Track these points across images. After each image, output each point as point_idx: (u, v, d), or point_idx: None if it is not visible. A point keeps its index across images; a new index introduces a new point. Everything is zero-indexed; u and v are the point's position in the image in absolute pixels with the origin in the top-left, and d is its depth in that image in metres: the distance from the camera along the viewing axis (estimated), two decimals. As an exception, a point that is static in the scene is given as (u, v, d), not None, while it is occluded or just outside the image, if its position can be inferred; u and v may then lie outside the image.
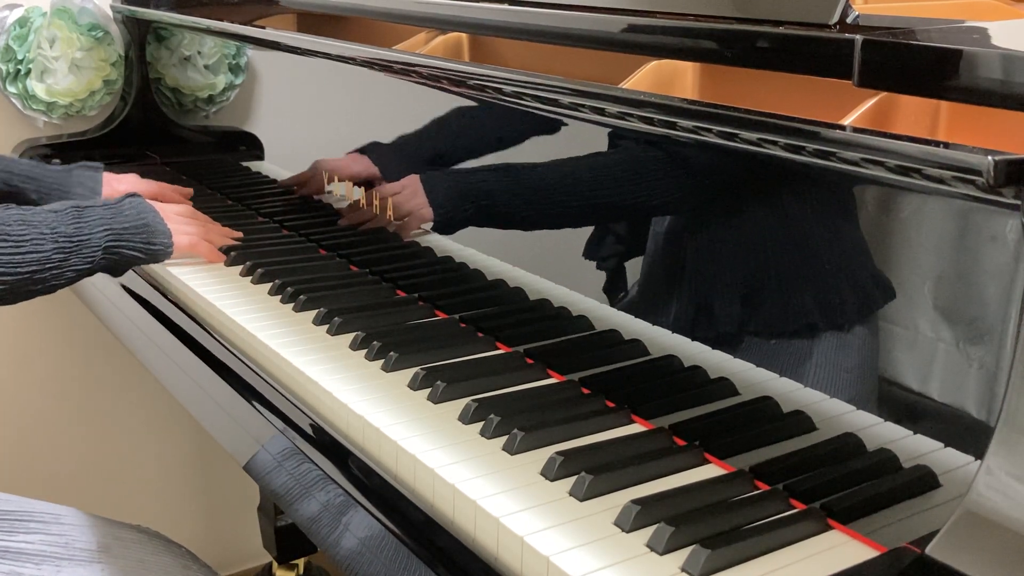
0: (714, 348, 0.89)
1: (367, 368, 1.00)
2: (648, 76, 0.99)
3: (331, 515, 0.88)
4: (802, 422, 0.82)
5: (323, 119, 1.42)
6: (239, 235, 1.37)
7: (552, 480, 0.79)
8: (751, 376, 0.86)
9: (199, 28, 1.65)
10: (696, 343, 0.90)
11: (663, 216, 0.94)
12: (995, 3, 0.98)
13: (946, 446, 0.73)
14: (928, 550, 0.64)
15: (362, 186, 1.31)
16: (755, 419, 0.84)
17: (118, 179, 1.43)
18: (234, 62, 1.66)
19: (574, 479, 0.78)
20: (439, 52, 1.30)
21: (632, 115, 0.89)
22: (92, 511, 1.20)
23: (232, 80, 1.67)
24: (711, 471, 0.80)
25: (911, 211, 0.73)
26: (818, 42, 0.76)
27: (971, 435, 0.70)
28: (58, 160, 1.80)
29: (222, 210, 1.53)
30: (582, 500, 0.76)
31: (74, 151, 1.83)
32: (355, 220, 1.32)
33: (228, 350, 1.12)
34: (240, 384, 1.06)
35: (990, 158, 0.63)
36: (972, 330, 0.70)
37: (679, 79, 1.01)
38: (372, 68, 1.24)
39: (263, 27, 1.54)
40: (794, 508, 0.75)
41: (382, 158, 1.28)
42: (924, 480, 0.74)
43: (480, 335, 1.06)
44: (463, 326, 1.08)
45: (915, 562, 0.65)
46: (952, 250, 0.71)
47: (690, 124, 0.84)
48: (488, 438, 0.86)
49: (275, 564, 1.83)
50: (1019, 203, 0.64)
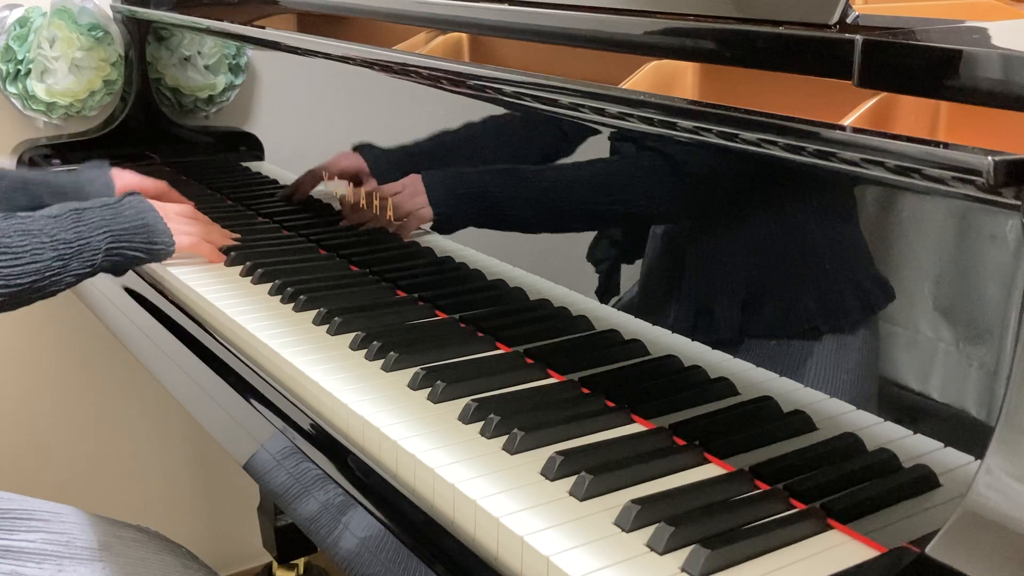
0: (714, 348, 0.89)
1: (367, 368, 1.00)
2: (648, 76, 0.99)
3: (331, 514, 0.88)
4: (802, 422, 0.82)
5: (323, 119, 1.42)
6: (237, 236, 1.37)
7: (552, 480, 0.79)
8: (751, 376, 0.86)
9: (199, 28, 1.65)
10: (696, 343, 0.90)
11: (663, 218, 0.94)
12: (995, 3, 0.98)
13: (946, 446, 0.73)
14: (928, 550, 0.64)
15: (355, 184, 1.32)
16: (755, 419, 0.84)
17: (119, 174, 1.43)
18: (234, 62, 1.66)
19: (574, 479, 0.78)
20: (439, 52, 1.30)
21: (632, 115, 0.89)
22: (92, 511, 1.20)
23: (232, 80, 1.67)
24: (711, 471, 0.80)
25: (911, 211, 0.73)
26: (818, 42, 0.76)
27: (971, 435, 0.70)
28: (57, 160, 1.80)
29: (222, 210, 1.54)
30: (582, 500, 0.76)
31: (74, 151, 1.83)
32: (355, 220, 1.32)
33: (228, 350, 1.12)
34: (240, 384, 1.06)
35: (990, 158, 0.63)
36: (972, 330, 0.70)
37: (679, 79, 1.01)
38: (372, 68, 1.24)
39: (263, 27, 1.54)
40: (794, 508, 0.75)
41: (382, 157, 1.28)
42: (924, 480, 0.74)
43: (480, 335, 1.06)
44: (463, 326, 1.08)
45: (915, 562, 0.65)
46: (952, 250, 0.71)
47: (690, 124, 0.84)
48: (488, 438, 0.86)
49: (275, 564, 1.83)
50: (1019, 203, 0.64)
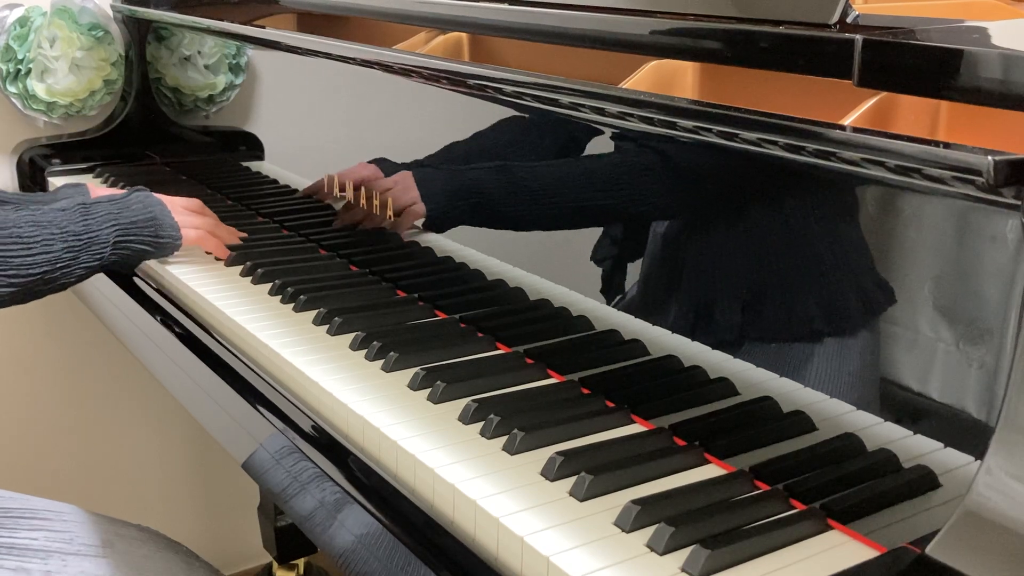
0: (714, 348, 0.89)
1: (367, 368, 1.00)
2: (648, 76, 0.99)
3: (331, 514, 0.88)
4: (802, 422, 0.82)
5: (323, 119, 1.42)
6: (244, 235, 1.37)
7: (552, 480, 0.79)
8: (751, 376, 0.86)
9: (199, 28, 1.65)
10: (696, 343, 0.90)
11: (662, 217, 0.94)
12: (995, 3, 0.98)
13: (946, 446, 0.73)
14: (928, 550, 0.64)
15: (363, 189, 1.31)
16: (755, 419, 0.84)
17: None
18: (234, 62, 1.66)
19: (574, 479, 0.78)
20: (439, 52, 1.30)
21: (632, 115, 0.89)
22: (93, 510, 1.20)
23: (232, 80, 1.67)
24: (711, 471, 0.80)
25: (911, 211, 0.73)
26: (818, 42, 0.76)
27: (971, 435, 0.70)
28: (58, 160, 1.81)
29: (222, 210, 1.53)
30: (582, 500, 0.76)
31: (74, 151, 1.83)
32: (349, 220, 1.32)
33: (228, 350, 1.12)
34: (240, 384, 1.06)
35: (990, 158, 0.63)
36: (972, 330, 0.70)
37: (679, 79, 1.01)
38: (372, 68, 1.24)
39: (263, 27, 1.54)
40: (794, 508, 0.75)
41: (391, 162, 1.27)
42: (924, 480, 0.74)
43: (480, 335, 1.06)
44: (463, 326, 1.08)
45: (915, 562, 0.65)
46: (952, 250, 0.71)
47: (690, 124, 0.84)
48: (488, 438, 0.86)
49: (275, 564, 1.83)
50: (1019, 203, 0.64)
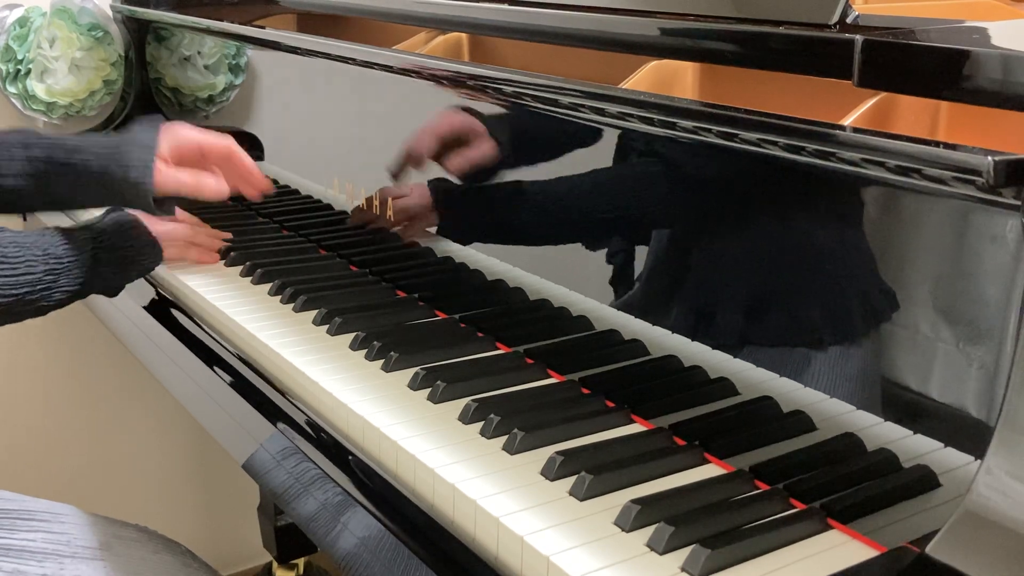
0: (714, 348, 0.89)
1: (367, 368, 1.00)
2: (648, 76, 0.99)
3: (330, 514, 0.88)
4: (802, 422, 0.82)
5: (323, 119, 1.42)
6: (227, 235, 1.36)
7: (552, 480, 0.79)
8: (751, 376, 0.86)
9: (199, 28, 1.65)
10: (696, 343, 0.90)
11: (663, 221, 0.94)
12: (995, 3, 0.98)
13: (946, 446, 0.73)
14: (928, 550, 0.65)
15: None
16: (755, 419, 0.84)
17: (180, 124, 1.27)
18: (234, 62, 1.66)
19: (574, 479, 0.78)
20: (439, 52, 1.30)
21: (632, 115, 0.89)
22: (92, 510, 1.20)
23: (232, 80, 1.67)
24: (711, 471, 0.80)
25: (911, 211, 0.73)
26: (818, 42, 0.76)
27: (971, 435, 0.70)
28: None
29: (222, 210, 1.53)
30: (582, 500, 0.76)
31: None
32: (360, 220, 1.30)
33: (228, 350, 1.12)
34: (240, 384, 1.06)
35: (990, 158, 0.63)
36: (972, 330, 0.70)
37: (679, 79, 1.01)
38: (372, 68, 1.24)
39: (263, 27, 1.54)
40: (794, 508, 0.75)
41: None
42: (924, 480, 0.74)
43: (480, 335, 1.06)
44: (463, 326, 1.08)
45: (915, 562, 0.65)
46: (952, 250, 0.71)
47: (690, 124, 0.84)
48: (488, 438, 0.86)
49: (275, 564, 1.83)
50: (1019, 203, 0.64)
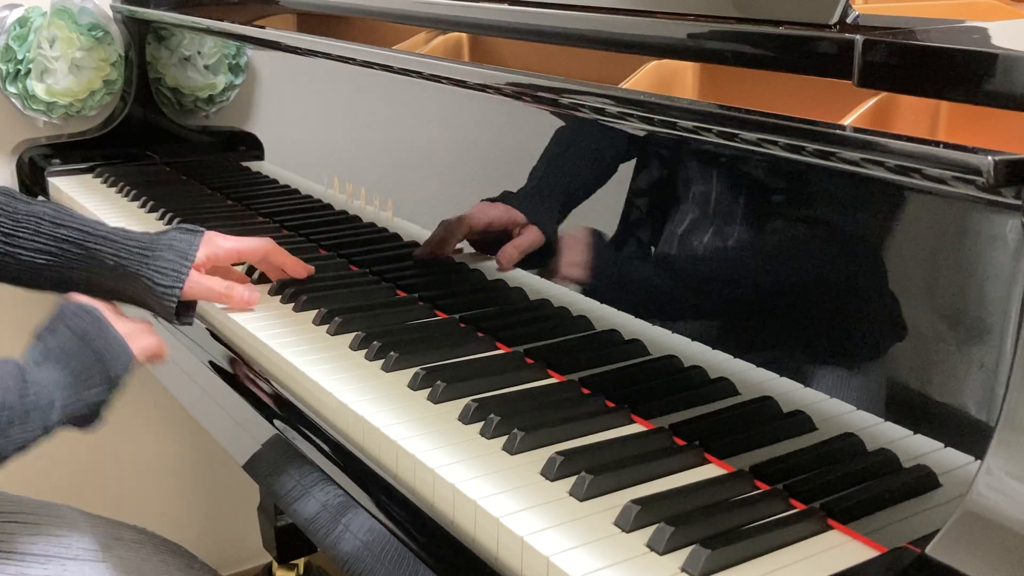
0: (714, 348, 0.89)
1: (367, 368, 1.00)
2: (648, 76, 0.99)
3: (331, 515, 0.88)
4: (802, 422, 0.82)
5: (323, 119, 1.42)
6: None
7: (552, 480, 0.79)
8: (751, 376, 0.86)
9: (199, 28, 1.65)
10: (696, 343, 0.90)
11: (666, 221, 0.94)
12: (995, 3, 0.98)
13: (946, 446, 0.73)
14: (928, 550, 0.64)
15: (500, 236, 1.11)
16: (755, 419, 0.84)
17: (221, 236, 1.17)
18: (234, 62, 1.66)
19: (574, 479, 0.78)
20: (439, 52, 1.30)
21: (632, 115, 0.89)
22: (92, 510, 1.20)
23: (232, 80, 1.67)
24: (711, 471, 0.80)
25: (911, 211, 0.73)
26: (818, 42, 0.76)
27: (971, 435, 0.70)
28: (57, 160, 1.80)
29: (222, 210, 1.54)
30: (582, 500, 0.76)
31: (74, 151, 1.83)
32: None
33: (228, 350, 1.12)
34: (239, 384, 1.06)
35: (990, 158, 0.63)
36: (972, 330, 0.70)
37: (679, 79, 1.01)
38: (372, 68, 1.24)
39: (263, 27, 1.54)
40: (794, 508, 0.75)
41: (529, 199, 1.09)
42: (924, 480, 0.74)
43: (480, 335, 1.05)
44: (463, 326, 1.08)
45: (915, 562, 0.65)
46: (952, 250, 0.71)
47: (690, 124, 0.84)
48: (488, 438, 0.86)
49: (275, 564, 1.83)
50: (1019, 203, 0.64)
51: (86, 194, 1.66)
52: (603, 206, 0.98)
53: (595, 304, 1.00)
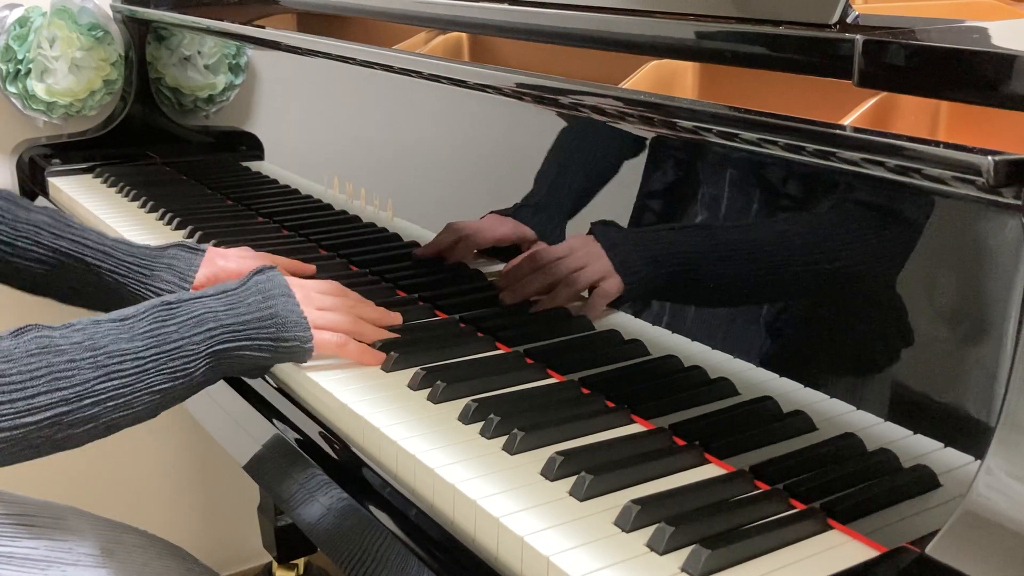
0: (714, 348, 0.89)
1: (367, 368, 0.99)
2: (648, 76, 0.99)
3: (331, 515, 0.88)
4: (802, 422, 0.82)
5: (323, 119, 1.42)
6: (397, 320, 1.07)
7: (552, 480, 0.79)
8: (751, 376, 0.86)
9: (199, 28, 1.65)
10: (696, 343, 0.90)
11: (666, 221, 0.94)
12: (995, 3, 0.98)
13: (946, 446, 0.73)
14: (928, 550, 0.64)
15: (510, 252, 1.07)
16: (755, 419, 0.84)
17: (223, 255, 1.16)
18: (234, 62, 1.66)
19: (574, 479, 0.78)
20: (439, 52, 1.30)
21: (632, 115, 0.89)
22: (92, 511, 1.20)
23: (232, 80, 1.67)
24: (711, 471, 0.80)
25: (911, 211, 0.73)
26: (818, 42, 0.76)
27: (971, 435, 0.70)
28: (58, 160, 1.81)
29: (222, 210, 1.54)
30: (582, 500, 0.76)
31: (74, 151, 1.83)
32: (518, 295, 1.06)
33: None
34: (239, 385, 1.06)
35: (990, 158, 0.63)
36: (972, 330, 0.70)
37: (679, 79, 1.01)
38: (372, 68, 1.24)
39: (263, 27, 1.54)
40: (794, 508, 0.75)
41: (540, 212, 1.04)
42: (924, 480, 0.74)
43: (480, 335, 1.05)
44: (463, 326, 1.08)
45: (915, 562, 0.65)
46: (952, 250, 0.71)
47: (690, 124, 0.84)
48: (488, 438, 0.86)
49: (275, 564, 1.83)
50: (1019, 203, 0.64)
51: (86, 194, 1.66)
52: (603, 206, 0.98)
53: (595, 304, 1.00)
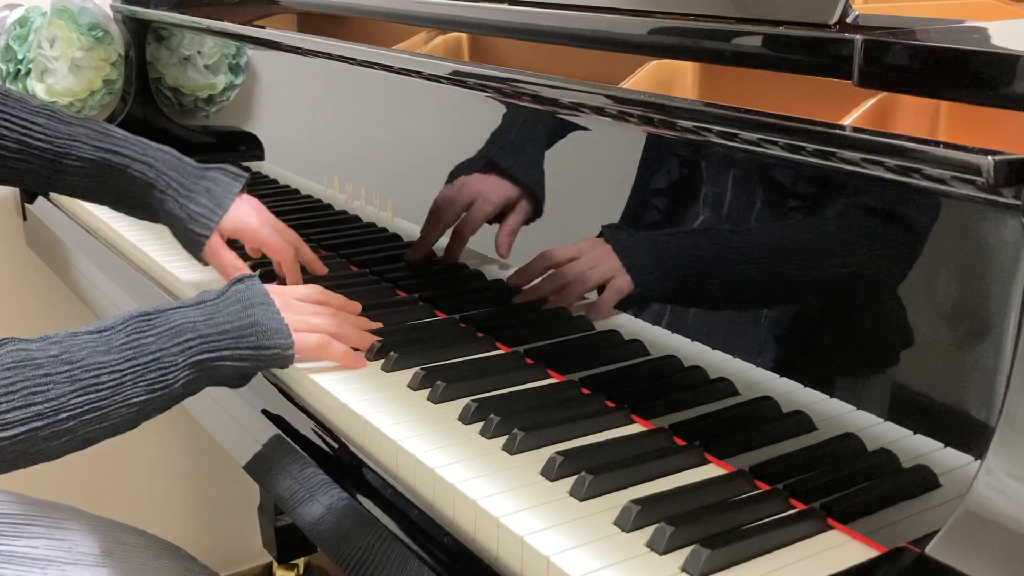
0: (714, 348, 0.89)
1: (367, 368, 1.00)
2: (648, 76, 0.99)
3: (331, 516, 0.88)
4: (802, 422, 0.82)
5: (323, 119, 1.42)
6: (378, 325, 1.06)
7: (552, 480, 0.79)
8: (751, 376, 0.86)
9: (199, 28, 1.65)
10: (696, 343, 0.90)
11: (666, 221, 0.94)
12: (995, 3, 0.98)
13: (946, 446, 0.73)
14: (928, 550, 0.65)
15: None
16: (755, 419, 0.84)
17: (255, 207, 1.17)
18: (234, 62, 1.66)
19: (574, 479, 0.78)
20: (439, 52, 1.30)
21: (632, 115, 0.89)
22: (92, 511, 1.20)
23: (232, 80, 1.67)
24: (711, 471, 0.80)
25: (911, 211, 0.73)
26: (818, 42, 0.76)
27: (971, 435, 0.70)
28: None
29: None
30: (582, 500, 0.76)
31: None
32: (529, 297, 1.05)
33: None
34: (240, 384, 1.06)
35: (990, 158, 0.63)
36: (972, 330, 0.70)
37: (679, 79, 1.01)
38: (372, 68, 1.24)
39: (263, 27, 1.54)
40: (794, 508, 0.75)
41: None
42: (924, 480, 0.74)
43: (480, 335, 1.05)
44: (463, 326, 1.08)
45: (915, 562, 0.65)
46: (952, 250, 0.71)
47: (690, 124, 0.84)
48: (488, 438, 0.86)
49: (275, 564, 1.83)
50: (1019, 203, 0.64)
51: (86, 194, 1.66)
52: (602, 206, 0.98)
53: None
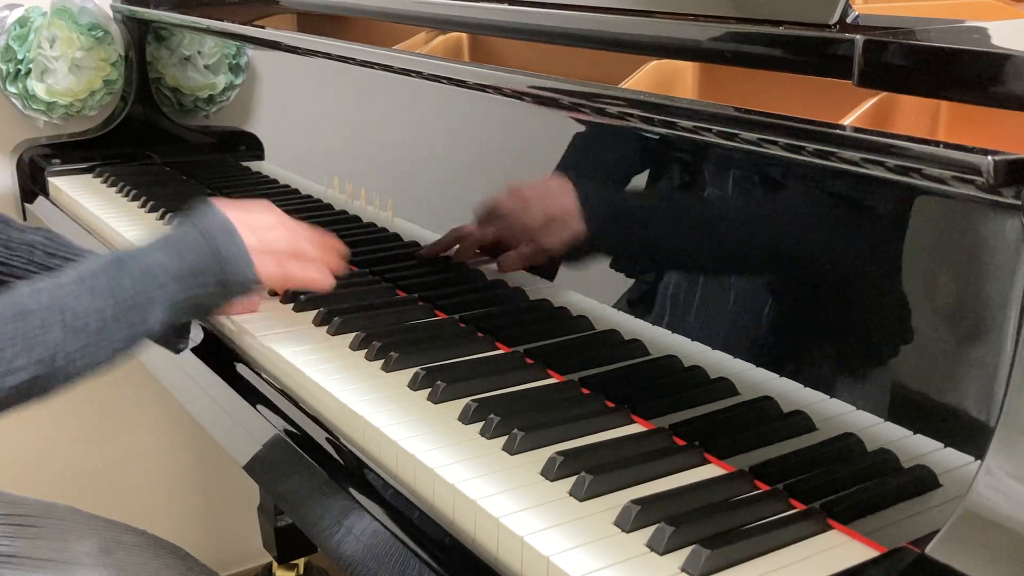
0: (714, 348, 0.89)
1: (367, 368, 1.00)
2: (648, 76, 0.99)
3: (332, 516, 0.88)
4: (802, 422, 0.82)
5: (323, 119, 1.42)
6: (345, 250, 1.08)
7: (552, 480, 0.79)
8: (751, 376, 0.86)
9: (199, 28, 1.65)
10: (696, 343, 0.90)
11: (665, 222, 0.94)
12: (995, 3, 0.98)
13: (946, 446, 0.73)
14: (928, 550, 0.64)
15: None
16: (755, 419, 0.84)
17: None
18: (234, 62, 1.66)
19: (574, 479, 0.78)
20: (439, 52, 1.30)
21: (632, 115, 0.89)
22: (92, 511, 1.20)
23: (232, 80, 1.67)
24: (711, 471, 0.80)
25: (911, 211, 0.73)
26: (818, 42, 0.76)
27: (971, 435, 0.70)
28: (58, 160, 1.80)
29: (222, 210, 1.53)
30: (582, 500, 0.76)
31: (74, 151, 1.83)
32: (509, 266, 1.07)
33: (228, 350, 1.12)
34: (240, 384, 1.06)
35: (990, 158, 0.63)
36: (972, 330, 0.70)
37: (679, 79, 1.01)
38: (372, 68, 1.24)
39: (263, 27, 1.54)
40: (794, 508, 0.75)
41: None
42: (924, 480, 0.74)
43: (480, 335, 1.05)
44: (463, 326, 1.08)
45: (915, 562, 0.65)
46: (952, 250, 0.71)
47: (690, 124, 0.84)
48: (488, 438, 0.86)
49: (275, 564, 1.83)
50: (1019, 203, 0.64)
51: (86, 194, 1.66)
52: (602, 206, 0.98)
53: (595, 304, 1.00)
